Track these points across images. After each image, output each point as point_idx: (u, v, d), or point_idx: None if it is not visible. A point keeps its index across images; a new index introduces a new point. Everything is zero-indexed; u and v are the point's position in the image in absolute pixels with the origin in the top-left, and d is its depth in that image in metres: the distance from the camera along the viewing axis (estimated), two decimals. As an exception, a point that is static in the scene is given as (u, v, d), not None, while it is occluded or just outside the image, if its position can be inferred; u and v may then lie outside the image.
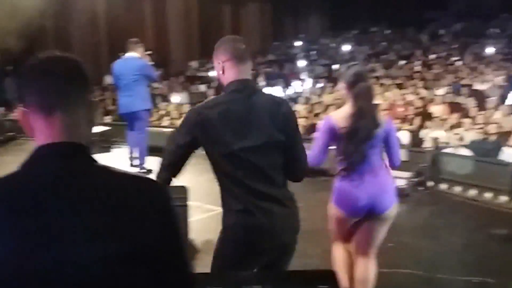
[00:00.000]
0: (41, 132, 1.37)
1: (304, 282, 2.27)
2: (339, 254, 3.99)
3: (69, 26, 16.97)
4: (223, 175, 2.77)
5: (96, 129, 9.40)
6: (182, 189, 4.60)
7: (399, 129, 9.46)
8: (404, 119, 10.77)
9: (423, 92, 12.58)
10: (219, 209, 2.88)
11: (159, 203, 1.39)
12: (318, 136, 3.74)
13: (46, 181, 1.31)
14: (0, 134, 11.47)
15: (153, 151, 7.36)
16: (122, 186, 1.37)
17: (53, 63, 1.40)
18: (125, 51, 7.84)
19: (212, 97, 3.97)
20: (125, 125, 8.22)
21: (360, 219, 3.77)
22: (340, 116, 3.70)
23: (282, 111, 2.80)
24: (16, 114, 1.40)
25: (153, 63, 8.03)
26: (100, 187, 1.34)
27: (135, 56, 7.72)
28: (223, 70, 2.81)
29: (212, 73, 20.25)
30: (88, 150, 1.40)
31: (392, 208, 3.76)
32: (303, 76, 17.38)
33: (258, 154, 2.71)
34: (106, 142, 9.90)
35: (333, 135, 3.66)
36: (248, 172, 2.71)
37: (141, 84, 7.69)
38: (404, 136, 9.41)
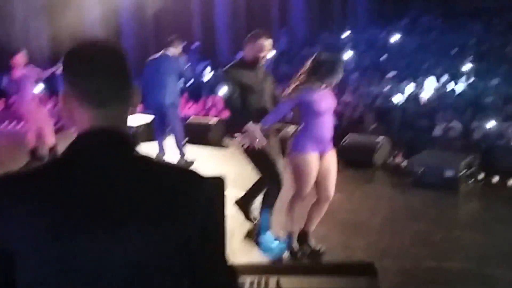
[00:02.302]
0: (81, 120, 1.36)
1: (343, 274, 2.20)
2: None
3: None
4: None
5: (143, 120, 9.51)
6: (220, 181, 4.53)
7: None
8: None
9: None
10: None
11: (200, 195, 1.37)
12: None
13: (89, 171, 1.30)
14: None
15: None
16: (163, 176, 1.35)
17: (97, 52, 1.36)
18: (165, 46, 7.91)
19: None
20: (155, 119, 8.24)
21: None
22: None
23: None
24: (59, 100, 1.38)
25: (183, 58, 8.10)
26: (141, 177, 1.33)
27: (168, 52, 7.79)
28: None
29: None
30: (129, 138, 1.38)
31: None
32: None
33: None
34: (150, 133, 9.97)
35: None
36: None
37: (172, 79, 7.76)
38: (456, 125, 9.13)
